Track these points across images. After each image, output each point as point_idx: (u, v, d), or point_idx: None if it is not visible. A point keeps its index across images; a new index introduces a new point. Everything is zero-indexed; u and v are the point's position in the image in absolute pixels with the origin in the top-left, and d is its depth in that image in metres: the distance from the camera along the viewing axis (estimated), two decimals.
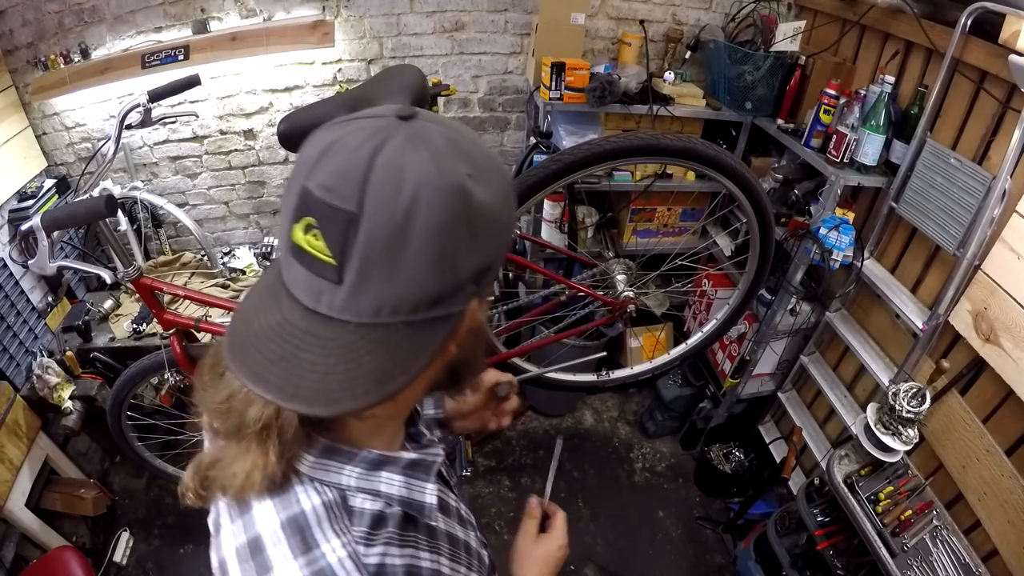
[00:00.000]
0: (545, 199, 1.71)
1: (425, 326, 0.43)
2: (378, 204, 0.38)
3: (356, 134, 0.41)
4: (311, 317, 0.42)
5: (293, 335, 0.42)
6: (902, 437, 1.52)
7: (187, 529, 2.13)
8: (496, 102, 2.46)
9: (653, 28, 2.29)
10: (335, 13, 2.15)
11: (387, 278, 0.40)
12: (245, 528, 0.49)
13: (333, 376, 0.41)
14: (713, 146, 1.36)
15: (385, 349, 0.41)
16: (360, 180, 0.38)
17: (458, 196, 0.40)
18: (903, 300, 1.76)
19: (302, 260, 0.41)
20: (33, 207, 1.99)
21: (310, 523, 0.48)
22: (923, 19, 1.64)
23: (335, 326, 0.41)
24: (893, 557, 1.45)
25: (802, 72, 2.06)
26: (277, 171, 2.48)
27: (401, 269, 0.39)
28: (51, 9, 2.00)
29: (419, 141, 0.41)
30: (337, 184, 0.39)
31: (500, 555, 0.75)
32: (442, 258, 0.40)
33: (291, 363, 0.41)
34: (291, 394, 0.40)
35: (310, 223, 0.40)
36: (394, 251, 0.39)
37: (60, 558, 1.61)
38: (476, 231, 0.41)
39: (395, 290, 0.40)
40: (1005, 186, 1.43)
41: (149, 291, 1.49)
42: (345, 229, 0.39)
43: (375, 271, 0.39)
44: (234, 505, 0.50)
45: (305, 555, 0.46)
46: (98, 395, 1.95)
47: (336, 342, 0.41)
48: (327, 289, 0.41)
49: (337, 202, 0.39)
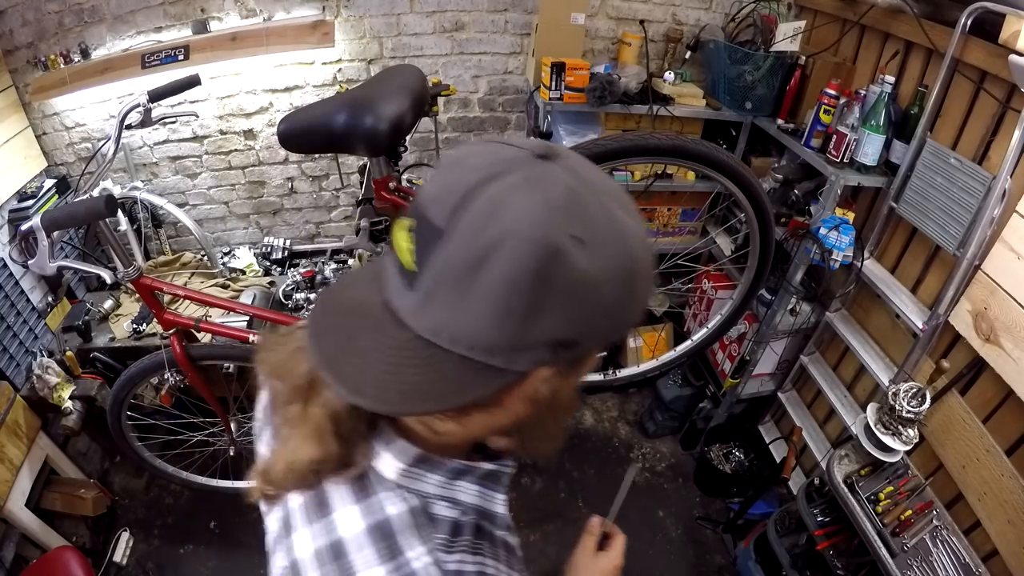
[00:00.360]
0: None
1: (478, 369, 0.40)
2: (464, 231, 0.38)
3: (483, 156, 0.41)
4: (387, 310, 0.42)
5: (364, 316, 0.43)
6: (902, 437, 1.52)
7: (187, 529, 2.13)
8: (496, 102, 2.46)
9: (653, 28, 2.29)
10: (335, 13, 2.15)
11: (451, 306, 0.39)
12: (326, 531, 0.48)
13: (372, 370, 0.41)
14: (707, 143, 1.36)
15: (429, 370, 0.40)
16: (458, 202, 0.38)
17: (547, 255, 0.37)
18: (903, 300, 1.76)
19: (393, 256, 0.42)
20: (33, 207, 1.99)
21: (396, 530, 0.48)
22: (923, 19, 1.64)
23: (398, 328, 0.41)
24: (893, 557, 1.45)
25: (802, 72, 2.06)
26: (277, 171, 2.48)
27: (466, 303, 0.38)
28: (51, 9, 2.00)
29: (537, 185, 0.39)
30: (440, 197, 0.39)
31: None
32: (508, 311, 0.38)
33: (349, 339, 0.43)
34: (332, 359, 0.42)
35: (411, 225, 0.41)
36: (464, 283, 0.38)
37: (60, 558, 1.61)
38: (560, 297, 0.38)
39: (456, 321, 0.39)
40: (1005, 186, 1.43)
41: (149, 291, 1.49)
42: (430, 242, 0.39)
43: (442, 294, 0.39)
44: (312, 507, 0.50)
45: (391, 561, 0.46)
46: (98, 395, 1.95)
47: (391, 342, 0.41)
48: (403, 291, 0.41)
49: (431, 214, 0.39)
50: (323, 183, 2.55)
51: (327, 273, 2.40)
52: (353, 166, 2.48)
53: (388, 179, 1.28)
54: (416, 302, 0.40)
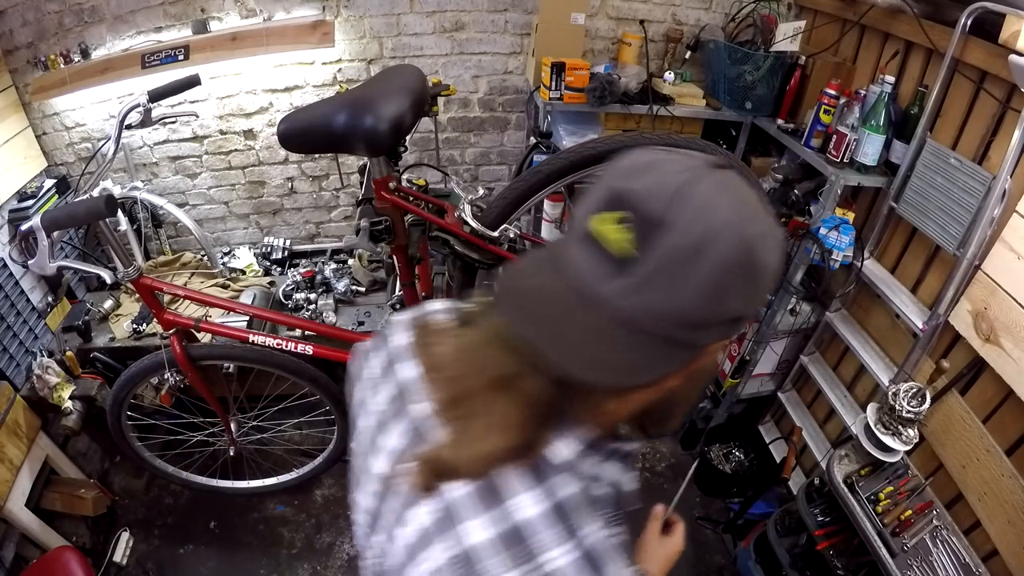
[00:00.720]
0: (545, 199, 1.71)
1: (675, 345, 0.46)
2: (685, 223, 0.43)
3: (673, 163, 0.47)
4: (578, 296, 0.46)
5: (554, 303, 0.46)
6: (902, 437, 1.52)
7: (187, 529, 2.13)
8: (496, 102, 2.46)
9: (653, 28, 2.29)
10: (335, 13, 2.15)
11: (666, 287, 0.44)
12: (503, 517, 0.50)
13: (585, 349, 0.45)
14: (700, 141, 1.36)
15: (635, 346, 0.45)
16: (673, 197, 0.44)
17: (747, 249, 0.44)
18: (903, 300, 1.76)
19: (593, 247, 0.45)
20: (33, 207, 1.99)
21: (570, 510, 0.51)
22: (923, 19, 1.64)
23: (597, 310, 0.45)
24: (893, 557, 1.45)
25: (802, 72, 2.06)
26: (277, 171, 2.48)
27: (681, 285, 0.43)
28: (51, 9, 2.01)
29: (729, 189, 0.46)
30: (656, 192, 0.44)
31: None
32: (716, 292, 0.44)
33: (553, 324, 0.46)
34: (548, 344, 0.45)
35: (624, 216, 0.44)
36: (683, 267, 0.43)
37: (60, 558, 1.61)
38: (748, 283, 0.46)
39: (668, 301, 0.44)
40: (1005, 186, 1.43)
41: (149, 291, 1.49)
42: (651, 232, 0.43)
43: (660, 277, 0.43)
44: (483, 496, 0.51)
45: (571, 540, 0.49)
46: (98, 395, 1.95)
47: (595, 324, 0.45)
48: (610, 277, 0.44)
49: (649, 208, 0.43)
50: (323, 183, 2.55)
51: (327, 273, 2.40)
52: (353, 166, 2.48)
53: (388, 179, 1.28)
54: (628, 285, 0.44)
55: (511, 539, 0.49)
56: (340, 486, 2.29)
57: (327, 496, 2.26)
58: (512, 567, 0.48)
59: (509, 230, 1.32)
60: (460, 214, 1.32)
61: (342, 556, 2.07)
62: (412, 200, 1.34)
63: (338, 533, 2.14)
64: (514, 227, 1.34)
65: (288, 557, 2.07)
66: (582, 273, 0.46)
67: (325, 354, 1.62)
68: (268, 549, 2.09)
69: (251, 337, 1.61)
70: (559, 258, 0.48)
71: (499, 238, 1.32)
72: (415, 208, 1.33)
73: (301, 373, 1.72)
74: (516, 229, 1.37)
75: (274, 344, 1.60)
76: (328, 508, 2.22)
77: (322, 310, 2.26)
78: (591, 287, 0.45)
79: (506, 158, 2.63)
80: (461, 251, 1.32)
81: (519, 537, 0.49)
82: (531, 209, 2.04)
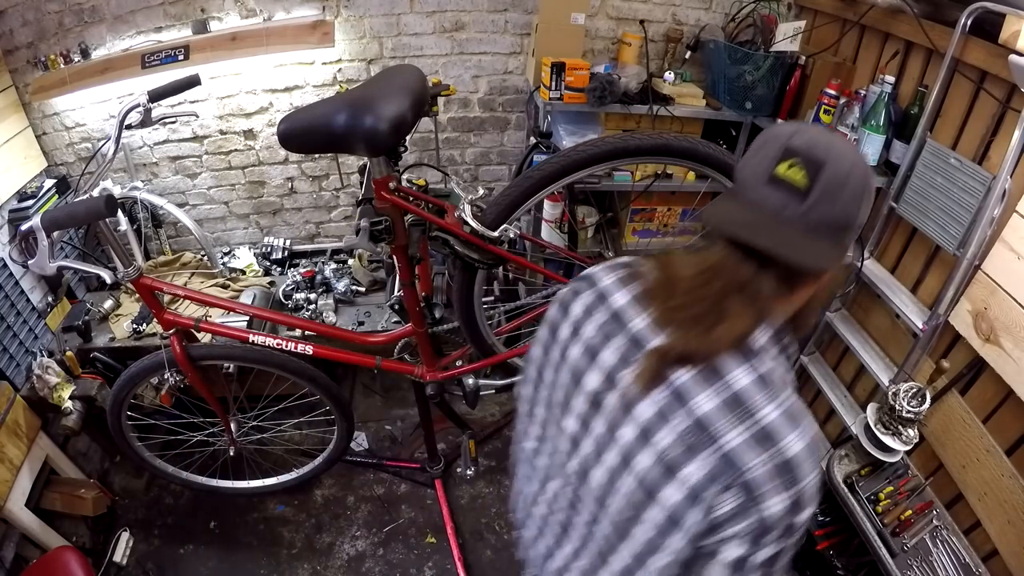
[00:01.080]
0: (545, 199, 1.71)
1: (836, 244, 0.68)
2: (835, 161, 0.65)
3: (809, 127, 0.73)
4: (777, 217, 0.66)
5: (768, 224, 0.66)
6: (902, 437, 1.52)
7: (187, 529, 2.13)
8: (496, 102, 2.46)
9: (653, 28, 2.29)
10: (335, 13, 2.15)
11: (830, 202, 0.65)
12: (725, 388, 0.67)
13: (796, 251, 0.65)
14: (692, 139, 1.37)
15: (821, 244, 0.66)
16: (827, 146, 0.66)
17: (867, 175, 0.68)
18: (903, 300, 1.76)
19: (778, 185, 0.66)
20: (33, 207, 1.99)
21: (773, 380, 0.68)
22: (923, 19, 1.64)
23: (791, 225, 0.66)
24: (893, 557, 1.46)
25: (802, 72, 2.06)
26: (277, 171, 2.48)
27: (839, 200, 0.65)
28: (51, 9, 2.01)
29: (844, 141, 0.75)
30: (815, 144, 0.65)
31: (500, 555, 0.77)
32: (855, 203, 0.67)
33: (772, 235, 0.65)
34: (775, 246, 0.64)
35: (795, 162, 0.65)
36: (839, 189, 0.65)
37: (60, 558, 1.61)
38: (868, 197, 0.69)
39: (830, 213, 0.66)
40: (1005, 186, 1.43)
41: (149, 291, 1.49)
42: (817, 169, 0.64)
43: (824, 197, 0.65)
44: (705, 376, 0.68)
45: (775, 400, 0.67)
46: (98, 395, 1.95)
47: (793, 234, 0.65)
48: (792, 203, 0.65)
49: (815, 154, 0.65)
50: (323, 183, 2.55)
51: (327, 273, 2.40)
52: (353, 166, 2.48)
53: (388, 179, 1.27)
54: (806, 207, 0.65)
55: (733, 403, 0.66)
56: (340, 486, 2.29)
57: (327, 496, 2.26)
58: (737, 424, 0.65)
59: (509, 230, 1.32)
60: (460, 214, 1.31)
61: (342, 556, 2.07)
62: (412, 200, 1.33)
63: (338, 533, 2.14)
64: (514, 227, 1.34)
65: (288, 557, 2.07)
66: (777, 203, 0.66)
67: (325, 354, 1.62)
68: (268, 549, 2.09)
69: (251, 337, 1.61)
70: (752, 200, 0.68)
71: (499, 238, 1.31)
72: (415, 208, 1.33)
73: (301, 373, 1.72)
74: (516, 229, 1.37)
75: (274, 344, 1.60)
76: (328, 508, 2.22)
77: (322, 310, 2.26)
78: (786, 209, 0.65)
79: (506, 158, 2.63)
80: (461, 251, 1.32)
81: (739, 401, 0.66)
82: (531, 209, 2.05)
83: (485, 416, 2.57)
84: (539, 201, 1.46)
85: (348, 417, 1.88)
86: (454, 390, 1.73)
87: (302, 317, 2.22)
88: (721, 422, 0.65)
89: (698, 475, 0.65)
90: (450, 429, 2.41)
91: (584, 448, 0.77)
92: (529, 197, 1.33)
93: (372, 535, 2.14)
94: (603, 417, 0.74)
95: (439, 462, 2.22)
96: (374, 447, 2.47)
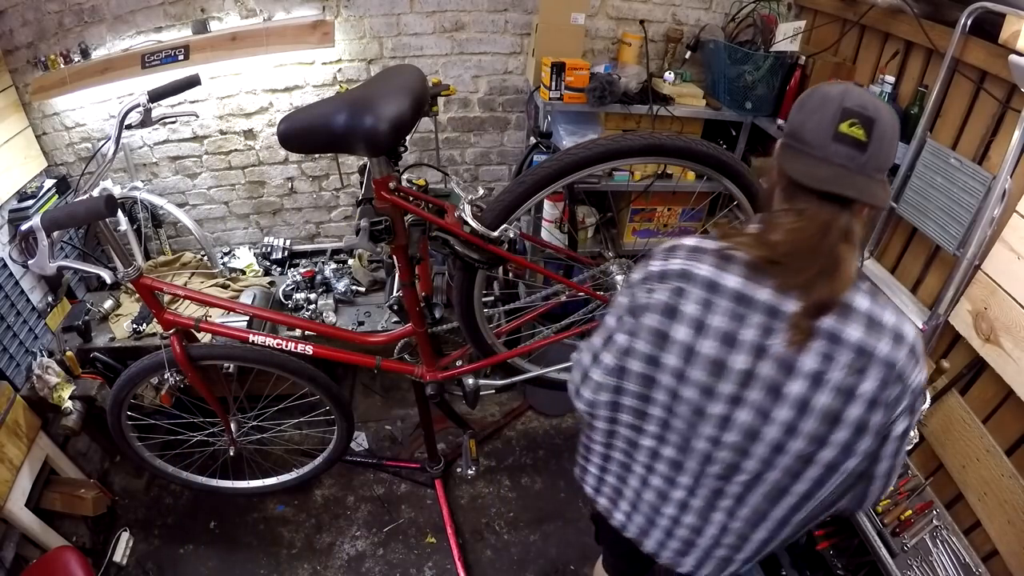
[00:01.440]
0: (545, 199, 1.71)
1: (886, 183, 0.83)
2: (883, 117, 0.78)
3: (853, 88, 0.82)
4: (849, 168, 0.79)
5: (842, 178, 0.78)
6: None
7: (187, 529, 2.13)
8: (496, 102, 2.46)
9: (653, 28, 2.29)
10: (335, 13, 2.15)
11: (884, 150, 0.79)
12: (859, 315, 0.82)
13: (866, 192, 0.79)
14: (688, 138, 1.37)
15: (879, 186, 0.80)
16: (873, 104, 0.79)
17: (898, 123, 0.82)
18: (903, 300, 1.76)
19: (844, 141, 0.78)
20: (33, 207, 1.99)
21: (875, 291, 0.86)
22: (923, 19, 1.64)
23: (859, 176, 0.79)
24: (893, 557, 1.46)
25: (802, 72, 2.06)
26: (277, 171, 2.48)
27: (888, 147, 0.80)
28: (51, 9, 2.01)
29: (880, 100, 0.85)
30: (865, 104, 0.78)
31: (500, 555, 0.76)
32: (895, 148, 0.82)
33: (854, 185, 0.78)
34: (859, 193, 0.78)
35: (854, 121, 0.78)
36: (887, 140, 0.79)
37: (60, 558, 1.61)
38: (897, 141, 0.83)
39: (886, 156, 0.80)
40: (1005, 186, 1.43)
41: (149, 291, 1.49)
42: (871, 124, 0.78)
43: (878, 147, 0.78)
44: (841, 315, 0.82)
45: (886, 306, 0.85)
46: (98, 395, 1.95)
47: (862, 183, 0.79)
48: (857, 156, 0.78)
49: (868, 113, 0.78)
50: (323, 183, 2.55)
51: (327, 273, 2.40)
52: (353, 166, 2.48)
53: (388, 179, 1.27)
54: (866, 157, 0.78)
55: (870, 323, 0.82)
56: (340, 486, 2.29)
57: (327, 496, 2.26)
58: (879, 335, 0.82)
59: (509, 230, 1.32)
60: (460, 214, 1.31)
61: (342, 556, 2.07)
62: (412, 200, 1.33)
63: (338, 533, 2.14)
64: (514, 227, 1.34)
65: (288, 557, 2.07)
66: (845, 156, 0.78)
67: (325, 354, 1.62)
68: (268, 549, 2.09)
69: (251, 337, 1.61)
70: (824, 156, 0.79)
71: (499, 238, 1.31)
72: (415, 208, 1.33)
73: (301, 373, 1.72)
74: (516, 229, 1.37)
75: (274, 344, 1.60)
76: (328, 508, 2.22)
77: (322, 310, 2.26)
78: (853, 161, 0.78)
79: (506, 158, 2.63)
80: (461, 251, 1.32)
81: (872, 319, 0.82)
82: (531, 209, 2.05)
83: (485, 416, 2.57)
84: (539, 201, 1.46)
85: (348, 417, 1.88)
86: (454, 390, 1.73)
87: (302, 317, 2.22)
88: (870, 340, 0.81)
89: (872, 387, 0.82)
90: (450, 429, 2.41)
91: (740, 419, 0.89)
92: (529, 197, 1.33)
93: (372, 535, 2.14)
94: (758, 387, 0.86)
95: (439, 462, 2.22)
96: (374, 447, 2.47)
